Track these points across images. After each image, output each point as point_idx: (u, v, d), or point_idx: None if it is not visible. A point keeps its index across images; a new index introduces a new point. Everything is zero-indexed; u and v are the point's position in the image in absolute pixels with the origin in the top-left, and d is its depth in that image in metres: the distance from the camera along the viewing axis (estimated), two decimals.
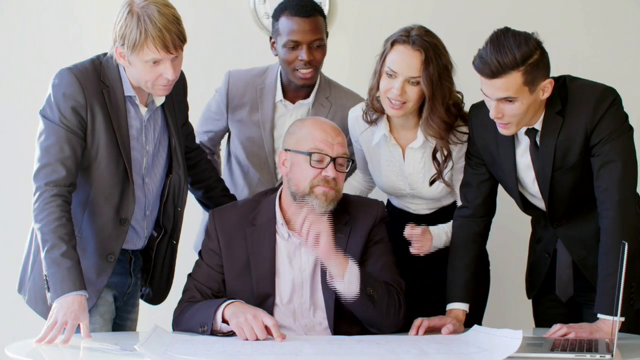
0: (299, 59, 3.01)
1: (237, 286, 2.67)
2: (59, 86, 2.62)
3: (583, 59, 3.78)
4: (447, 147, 2.83)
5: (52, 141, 2.59)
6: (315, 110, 3.13)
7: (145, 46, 2.53)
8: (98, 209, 2.67)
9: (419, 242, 2.78)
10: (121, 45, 2.57)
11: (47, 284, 2.51)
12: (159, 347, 2.35)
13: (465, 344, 2.46)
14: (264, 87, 3.14)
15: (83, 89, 2.61)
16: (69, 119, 2.60)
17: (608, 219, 2.58)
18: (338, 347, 2.42)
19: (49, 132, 2.60)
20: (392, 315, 2.63)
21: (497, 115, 2.56)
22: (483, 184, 2.81)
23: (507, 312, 3.58)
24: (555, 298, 2.83)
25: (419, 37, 2.75)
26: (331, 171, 2.64)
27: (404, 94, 2.76)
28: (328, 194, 2.64)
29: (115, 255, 2.71)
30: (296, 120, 2.83)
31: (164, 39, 2.52)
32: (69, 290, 2.47)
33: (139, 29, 2.52)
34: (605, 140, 2.58)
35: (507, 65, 2.48)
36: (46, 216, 2.54)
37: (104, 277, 2.70)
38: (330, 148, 2.66)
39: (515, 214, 2.93)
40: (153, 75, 2.59)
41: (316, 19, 3.02)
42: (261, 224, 2.71)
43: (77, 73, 2.63)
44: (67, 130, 2.60)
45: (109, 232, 2.69)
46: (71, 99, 2.60)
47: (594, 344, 2.39)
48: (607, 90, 2.62)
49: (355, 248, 2.68)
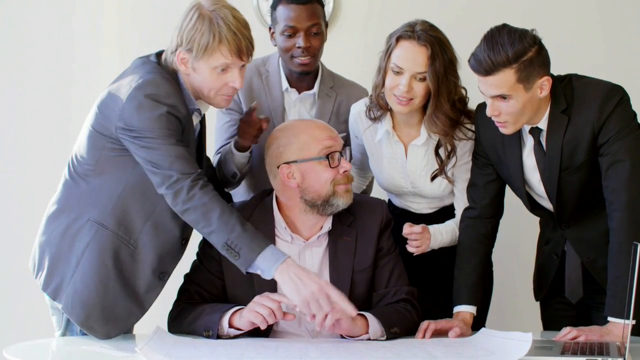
0: (296, 46, 2.98)
1: (239, 294, 2.61)
2: (156, 96, 2.43)
3: (590, 58, 3.74)
4: (451, 143, 2.81)
5: (165, 141, 2.44)
6: (322, 100, 3.09)
7: (217, 50, 2.44)
8: (163, 224, 2.55)
9: (418, 241, 2.75)
10: (187, 50, 2.46)
11: (233, 249, 2.40)
12: (161, 350, 2.32)
13: (473, 347, 2.44)
14: (269, 75, 3.11)
15: (183, 98, 2.50)
16: (173, 129, 2.46)
17: (617, 220, 2.55)
18: (344, 351, 2.39)
19: (156, 147, 2.44)
20: (412, 329, 2.61)
21: (493, 112, 2.54)
22: (490, 185, 2.78)
23: (514, 314, 3.57)
24: (564, 300, 2.79)
25: (424, 32, 2.73)
26: (347, 164, 2.64)
27: (411, 91, 2.73)
28: (349, 190, 2.66)
29: (168, 274, 2.60)
30: (273, 136, 2.71)
31: (238, 43, 2.45)
32: (266, 245, 2.40)
33: (212, 32, 2.43)
34: (613, 139, 2.55)
35: (499, 63, 2.46)
36: (197, 192, 2.41)
37: (152, 295, 2.59)
38: (336, 142, 2.65)
39: (522, 214, 2.90)
40: (219, 84, 2.49)
41: (313, 5, 2.99)
42: (260, 230, 2.60)
43: (170, 81, 2.48)
44: (174, 141, 2.46)
45: (169, 250, 2.58)
46: (173, 109, 2.45)
47: (605, 347, 2.36)
48: (614, 88, 2.59)
49: (365, 256, 2.65)
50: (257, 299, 2.50)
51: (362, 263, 2.64)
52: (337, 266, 2.64)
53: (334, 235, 2.66)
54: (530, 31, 2.51)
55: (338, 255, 2.64)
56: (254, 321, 2.48)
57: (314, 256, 2.65)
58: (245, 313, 2.50)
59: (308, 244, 2.65)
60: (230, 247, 2.42)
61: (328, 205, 2.62)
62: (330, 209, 2.63)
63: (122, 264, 2.50)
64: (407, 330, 2.59)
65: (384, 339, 2.53)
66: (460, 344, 2.48)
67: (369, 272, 2.65)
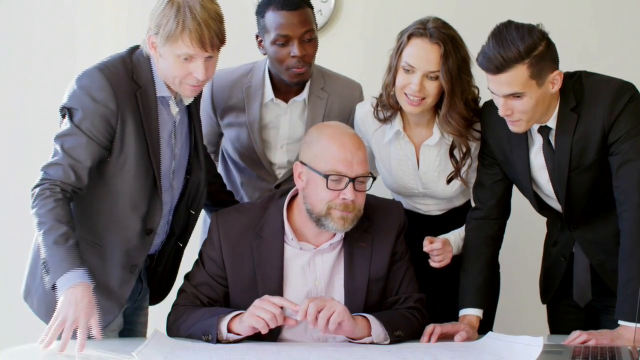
0: (290, 56, 2.87)
1: (242, 301, 2.54)
2: (88, 88, 2.47)
3: (598, 54, 3.71)
4: (466, 144, 2.77)
5: (70, 144, 2.46)
6: (312, 104, 3.00)
7: (180, 39, 2.42)
8: (124, 220, 2.55)
9: (440, 256, 2.70)
10: (155, 34, 2.46)
11: (46, 267, 2.38)
12: (158, 354, 2.28)
13: (480, 352, 2.40)
14: (251, 87, 3.01)
15: (115, 93, 2.47)
16: (95, 126, 2.46)
17: (628, 221, 2.51)
18: (347, 355, 2.34)
19: (72, 133, 2.46)
20: (417, 333, 2.56)
21: (506, 112, 2.50)
22: (497, 185, 2.75)
23: (519, 317, 3.53)
24: (572, 303, 2.76)
25: (437, 29, 2.68)
26: (350, 193, 2.48)
27: (423, 90, 2.69)
28: (346, 217, 2.51)
29: (139, 266, 2.61)
30: (314, 127, 2.65)
31: (201, 33, 2.41)
32: (69, 269, 2.34)
33: (177, 20, 2.41)
34: (624, 138, 2.51)
35: (511, 59, 2.42)
36: (43, 199, 2.41)
37: (126, 289, 2.60)
38: (349, 168, 2.49)
39: (528, 214, 2.87)
40: (182, 72, 2.47)
41: (304, 10, 2.88)
42: (268, 236, 2.58)
43: (109, 75, 2.48)
44: (89, 138, 2.46)
45: (134, 243, 2.58)
46: (102, 106, 2.46)
47: (616, 352, 2.32)
48: (625, 85, 2.55)
49: (380, 263, 2.60)
50: (258, 302, 2.44)
51: (378, 271, 2.58)
52: (352, 275, 2.58)
53: (349, 241, 2.59)
54: (537, 26, 2.47)
55: (354, 263, 2.58)
56: (256, 326, 2.42)
57: (324, 263, 2.59)
58: (246, 318, 2.44)
59: (318, 250, 2.59)
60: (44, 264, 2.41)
61: (320, 223, 2.53)
62: (322, 228, 2.54)
63: (91, 265, 2.46)
64: (411, 334, 2.55)
65: (388, 342, 2.49)
66: (466, 349, 2.45)
67: (383, 281, 2.61)
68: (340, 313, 2.40)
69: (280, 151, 3.05)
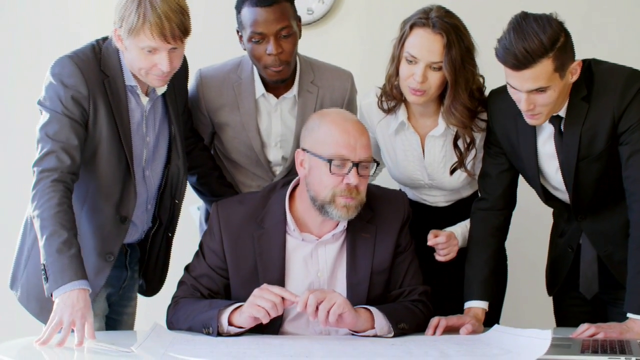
0: (267, 54, 2.79)
1: (243, 293, 2.50)
2: (59, 75, 2.52)
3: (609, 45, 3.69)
4: (470, 135, 2.72)
5: (56, 128, 2.49)
6: (303, 99, 2.93)
7: (141, 32, 2.44)
8: (97, 206, 2.59)
9: (445, 249, 2.67)
10: (119, 27, 2.48)
11: (46, 273, 2.38)
12: (158, 348, 2.25)
13: (487, 345, 2.36)
14: (241, 83, 2.94)
15: (85, 79, 2.51)
16: (70, 109, 2.50)
17: (638, 212, 2.48)
18: (352, 349, 2.31)
19: (52, 119, 2.50)
20: (422, 326, 2.53)
21: (529, 107, 2.44)
22: (503, 175, 2.71)
23: (524, 309, 3.53)
24: (579, 295, 2.73)
25: (439, 18, 2.63)
26: (354, 178, 2.45)
27: (426, 81, 2.64)
28: (349, 205, 2.47)
29: (114, 254, 2.63)
30: (315, 114, 2.63)
31: (162, 26, 2.42)
32: (70, 280, 2.35)
33: (138, 13, 2.43)
34: (635, 127, 2.47)
35: (536, 53, 2.35)
36: (46, 201, 2.42)
37: (101, 278, 2.62)
38: (353, 152, 2.46)
39: (533, 205, 2.84)
40: (147, 64, 2.49)
41: (280, 5, 2.78)
42: (269, 228, 2.54)
43: (78, 62, 2.53)
44: (69, 118, 2.50)
45: (109, 230, 2.61)
46: (73, 90, 2.51)
47: (626, 345, 2.28)
48: (635, 73, 2.51)
49: (384, 255, 2.56)
50: (257, 292, 2.40)
51: (381, 264, 2.54)
52: (355, 266, 2.54)
53: (351, 232, 2.56)
54: (552, 15, 2.42)
55: (357, 255, 2.54)
56: (257, 315, 2.38)
57: (327, 254, 2.55)
58: (245, 308, 2.40)
59: (321, 241, 2.55)
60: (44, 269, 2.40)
61: (323, 210, 2.49)
62: (326, 215, 2.50)
63: None
64: (416, 327, 2.51)
65: (391, 335, 2.45)
66: (472, 342, 2.41)
67: (387, 273, 2.57)
68: (340, 305, 2.36)
69: (274, 148, 2.99)
